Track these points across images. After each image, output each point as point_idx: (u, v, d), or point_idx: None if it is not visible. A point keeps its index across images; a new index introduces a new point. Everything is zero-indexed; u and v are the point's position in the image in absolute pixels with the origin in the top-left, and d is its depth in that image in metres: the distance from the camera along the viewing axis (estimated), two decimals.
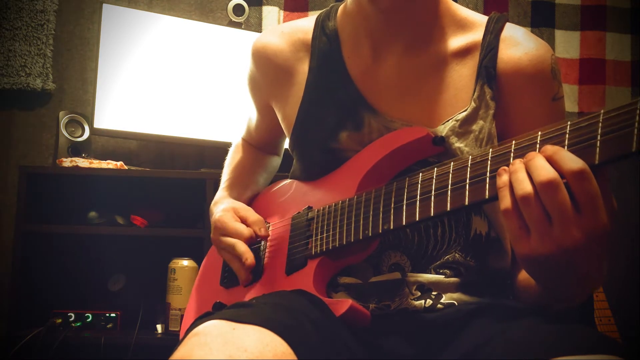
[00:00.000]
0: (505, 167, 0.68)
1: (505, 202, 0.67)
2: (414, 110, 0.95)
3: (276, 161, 1.28)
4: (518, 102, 0.94)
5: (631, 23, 2.57)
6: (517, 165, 0.67)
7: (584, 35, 2.55)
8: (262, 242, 1.05)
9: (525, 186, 0.65)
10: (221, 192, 1.16)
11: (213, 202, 1.14)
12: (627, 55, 2.56)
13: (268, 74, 1.08)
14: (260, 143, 1.25)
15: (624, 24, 2.57)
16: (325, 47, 1.02)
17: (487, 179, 0.71)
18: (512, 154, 0.69)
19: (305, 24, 1.07)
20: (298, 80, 1.04)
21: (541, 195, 0.64)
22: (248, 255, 0.98)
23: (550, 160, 0.64)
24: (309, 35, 1.05)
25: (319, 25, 1.05)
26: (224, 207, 1.08)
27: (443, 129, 0.91)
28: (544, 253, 0.65)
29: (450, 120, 0.92)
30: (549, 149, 0.64)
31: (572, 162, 0.62)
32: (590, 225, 0.63)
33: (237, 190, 1.15)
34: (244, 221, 1.04)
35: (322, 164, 1.00)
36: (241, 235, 1.01)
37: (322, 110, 0.99)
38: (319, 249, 0.92)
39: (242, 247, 0.99)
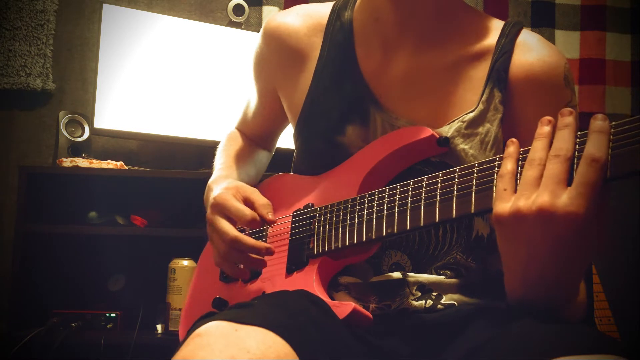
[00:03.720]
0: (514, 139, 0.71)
1: (508, 166, 0.68)
2: (420, 109, 0.94)
3: (266, 157, 1.24)
4: (528, 109, 0.92)
5: (631, 23, 2.57)
6: (545, 129, 0.68)
7: (584, 35, 2.55)
8: (263, 238, 1.04)
9: (539, 154, 0.66)
10: (218, 173, 1.09)
11: (209, 184, 1.06)
12: (627, 55, 2.56)
13: (279, 55, 1.05)
14: (254, 134, 1.21)
15: (624, 24, 2.57)
16: (338, 36, 1.01)
17: (494, 186, 0.70)
18: (519, 162, 0.69)
19: (322, 10, 1.05)
20: (308, 67, 1.02)
21: (550, 160, 0.65)
22: (261, 246, 0.90)
23: (585, 135, 0.64)
24: (324, 21, 1.03)
25: (335, 12, 1.03)
26: (225, 185, 0.99)
27: (448, 130, 0.91)
28: (522, 213, 0.65)
29: (457, 121, 0.91)
30: (598, 125, 0.63)
31: (596, 150, 0.62)
32: (572, 206, 0.63)
33: (233, 176, 1.09)
34: (248, 203, 0.95)
35: (324, 156, 0.99)
36: (243, 216, 0.91)
37: (330, 101, 0.98)
38: (320, 248, 0.92)
39: (249, 240, 0.90)
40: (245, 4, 2.35)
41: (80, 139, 2.16)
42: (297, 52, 1.03)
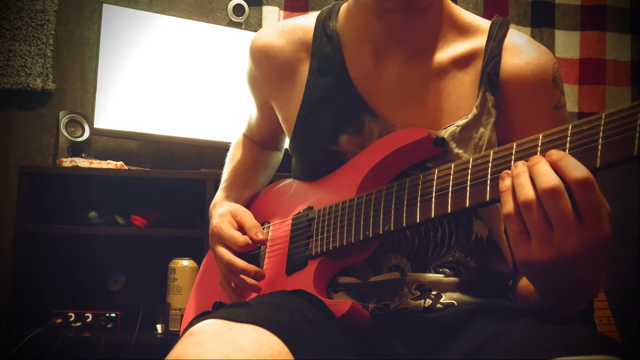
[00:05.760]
0: (508, 171, 0.68)
1: (508, 206, 0.67)
2: (415, 116, 0.94)
3: (277, 157, 1.27)
4: (519, 111, 0.93)
5: (631, 23, 2.57)
6: (520, 168, 0.67)
7: (584, 35, 2.55)
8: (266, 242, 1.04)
9: (527, 192, 0.65)
10: (220, 194, 1.15)
11: (212, 205, 1.13)
12: (627, 55, 2.56)
13: (268, 74, 1.06)
14: (261, 139, 1.23)
15: (624, 24, 2.56)
16: (326, 48, 1.01)
17: (488, 181, 0.71)
18: (513, 157, 0.69)
19: (306, 22, 1.05)
20: (299, 81, 1.02)
21: (543, 202, 0.64)
22: (250, 268, 0.98)
23: (555, 167, 0.64)
24: (310, 35, 1.03)
25: (320, 24, 1.03)
26: (221, 211, 1.07)
27: (444, 134, 0.91)
28: (544, 259, 0.65)
29: (452, 126, 0.91)
30: (554, 154, 0.64)
31: (577, 170, 0.62)
32: (591, 234, 0.63)
33: (237, 190, 1.15)
34: (240, 227, 1.03)
35: (322, 165, 1.00)
36: (235, 243, 1.00)
37: (323, 113, 0.98)
38: (319, 249, 0.92)
39: (240, 263, 0.99)
40: (245, 4, 2.36)
41: (80, 139, 2.16)
42: (285, 69, 1.03)
